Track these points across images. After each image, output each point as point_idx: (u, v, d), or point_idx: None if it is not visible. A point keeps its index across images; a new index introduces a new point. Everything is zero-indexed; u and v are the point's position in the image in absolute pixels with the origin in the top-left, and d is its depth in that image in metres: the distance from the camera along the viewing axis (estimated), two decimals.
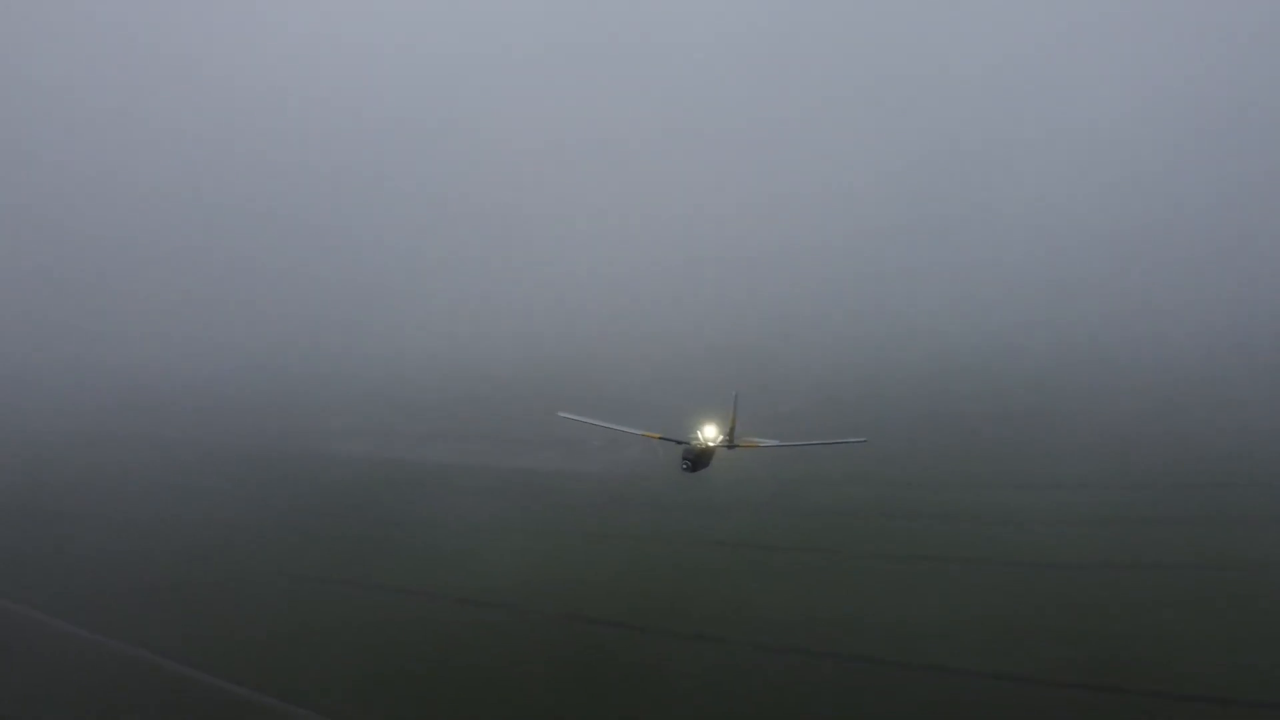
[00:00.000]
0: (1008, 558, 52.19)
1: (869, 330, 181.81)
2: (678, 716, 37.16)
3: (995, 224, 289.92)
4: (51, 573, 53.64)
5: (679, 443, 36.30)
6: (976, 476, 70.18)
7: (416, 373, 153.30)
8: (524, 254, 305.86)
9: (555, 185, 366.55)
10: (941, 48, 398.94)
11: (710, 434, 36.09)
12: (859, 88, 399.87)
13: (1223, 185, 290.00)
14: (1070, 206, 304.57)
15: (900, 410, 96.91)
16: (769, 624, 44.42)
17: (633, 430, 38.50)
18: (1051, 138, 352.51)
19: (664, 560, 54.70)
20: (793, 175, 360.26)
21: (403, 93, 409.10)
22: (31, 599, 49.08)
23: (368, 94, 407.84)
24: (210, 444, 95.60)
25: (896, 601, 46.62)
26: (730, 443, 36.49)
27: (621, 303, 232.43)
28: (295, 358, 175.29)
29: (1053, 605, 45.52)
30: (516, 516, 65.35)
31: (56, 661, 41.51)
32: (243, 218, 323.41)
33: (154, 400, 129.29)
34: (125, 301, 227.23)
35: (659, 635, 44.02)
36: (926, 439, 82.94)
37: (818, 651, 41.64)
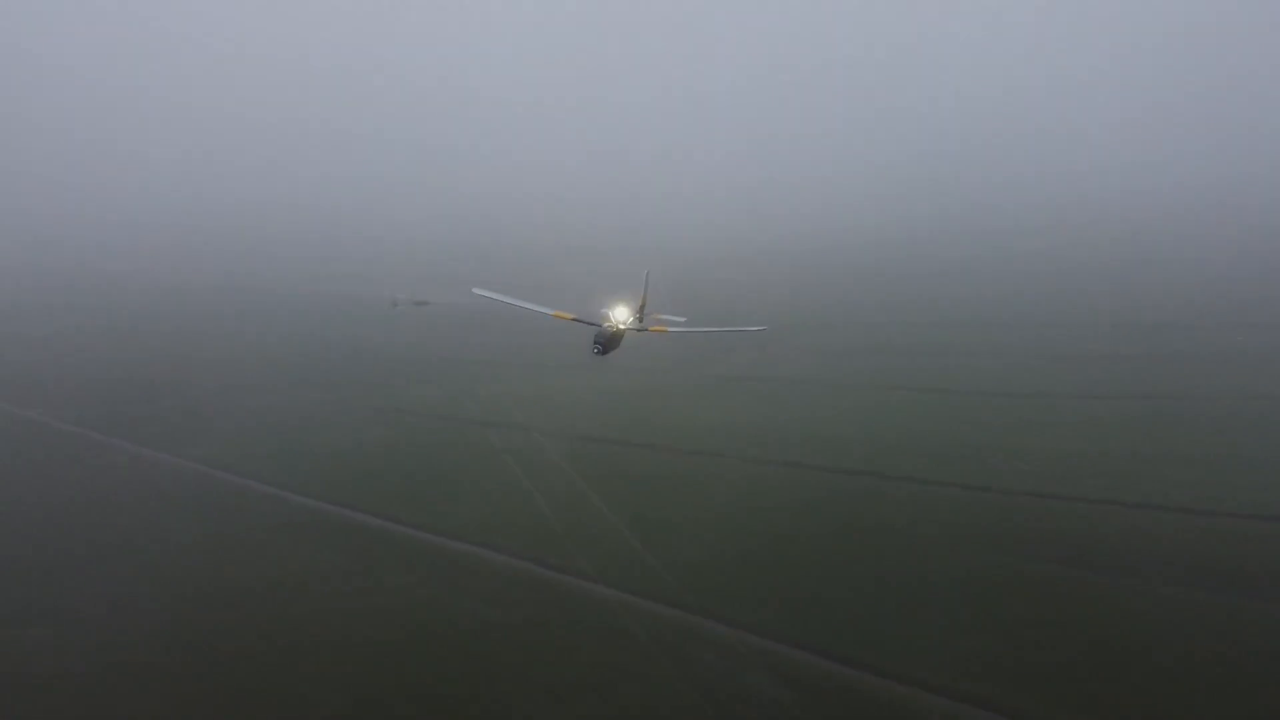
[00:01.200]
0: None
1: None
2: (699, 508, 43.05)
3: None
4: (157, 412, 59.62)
5: (590, 324, 36.27)
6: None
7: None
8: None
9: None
10: None
11: (621, 316, 36.03)
12: None
13: None
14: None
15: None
16: (759, 443, 51.56)
17: (544, 310, 37.56)
18: None
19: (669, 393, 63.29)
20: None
21: None
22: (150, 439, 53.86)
23: None
24: None
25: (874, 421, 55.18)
26: (640, 326, 36.92)
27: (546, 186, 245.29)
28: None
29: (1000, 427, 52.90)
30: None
31: (169, 492, 45.69)
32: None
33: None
34: None
35: (669, 453, 50.73)
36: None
37: (809, 464, 48.32)
